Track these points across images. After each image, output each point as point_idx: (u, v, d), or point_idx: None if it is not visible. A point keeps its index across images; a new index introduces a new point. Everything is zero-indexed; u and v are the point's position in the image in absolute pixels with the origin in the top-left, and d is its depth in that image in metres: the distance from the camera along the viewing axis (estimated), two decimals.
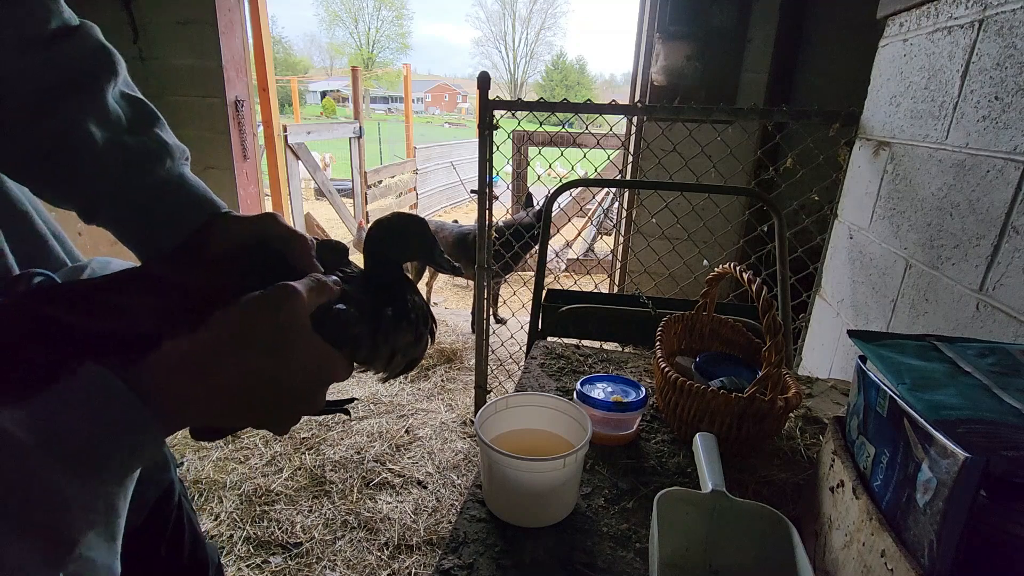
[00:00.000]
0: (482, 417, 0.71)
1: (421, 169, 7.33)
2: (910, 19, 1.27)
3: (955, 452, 0.40)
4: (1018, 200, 0.87)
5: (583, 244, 5.27)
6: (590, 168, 2.39)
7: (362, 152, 5.78)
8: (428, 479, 2.03)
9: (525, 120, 2.05)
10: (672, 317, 1.03)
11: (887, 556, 0.45)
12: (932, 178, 1.12)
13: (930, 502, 0.42)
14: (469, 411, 2.52)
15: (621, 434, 0.83)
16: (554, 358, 1.13)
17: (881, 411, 0.52)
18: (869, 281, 1.36)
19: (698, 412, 0.79)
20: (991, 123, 0.95)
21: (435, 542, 1.73)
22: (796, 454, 0.83)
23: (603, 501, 0.71)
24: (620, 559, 0.62)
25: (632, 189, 2.81)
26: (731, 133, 2.27)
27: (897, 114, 1.30)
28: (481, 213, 2.05)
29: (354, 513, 1.83)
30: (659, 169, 2.16)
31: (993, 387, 0.50)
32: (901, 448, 0.47)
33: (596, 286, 2.39)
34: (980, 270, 0.94)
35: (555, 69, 47.39)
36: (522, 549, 0.63)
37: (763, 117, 1.73)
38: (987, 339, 0.62)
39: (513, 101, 1.84)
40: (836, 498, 0.57)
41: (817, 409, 0.97)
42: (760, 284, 0.76)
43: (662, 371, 0.84)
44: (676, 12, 2.57)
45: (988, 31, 0.99)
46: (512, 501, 0.66)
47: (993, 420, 0.45)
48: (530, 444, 0.73)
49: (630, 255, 2.75)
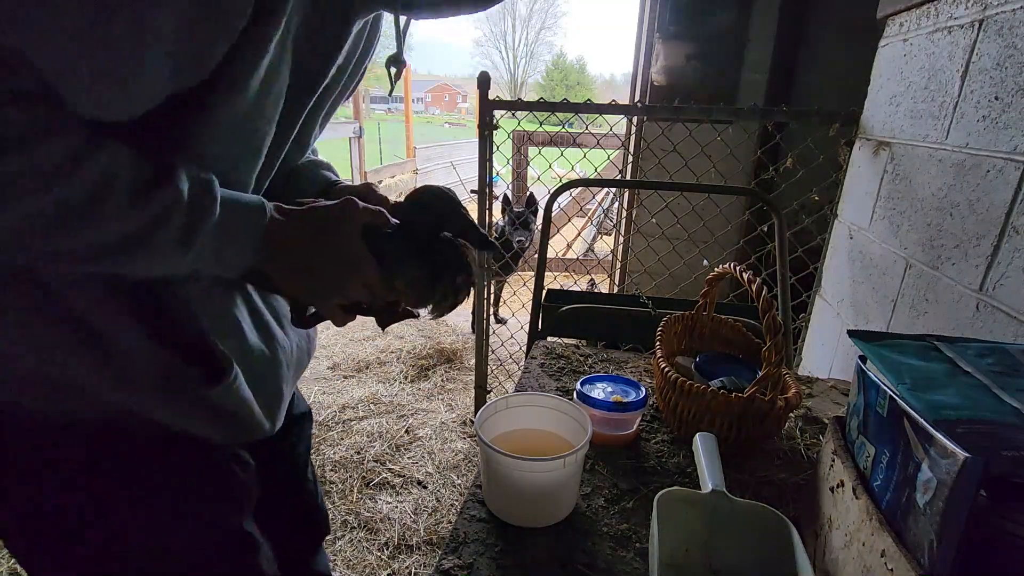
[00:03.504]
0: (482, 417, 0.71)
1: (421, 169, 7.33)
2: (910, 19, 1.27)
3: (955, 452, 0.40)
4: (1018, 200, 0.87)
5: (583, 244, 5.27)
6: (590, 168, 2.39)
7: (362, 152, 5.78)
8: (428, 479, 2.03)
9: (525, 120, 2.05)
10: (672, 317, 1.03)
11: (887, 556, 0.45)
12: (932, 178, 1.12)
13: (930, 502, 0.42)
14: (469, 411, 2.52)
15: (621, 434, 0.82)
16: (554, 358, 1.13)
17: (881, 411, 0.52)
18: (869, 281, 1.36)
19: (698, 412, 0.79)
20: (991, 123, 0.95)
21: (435, 542, 1.73)
22: (796, 454, 0.83)
23: (603, 501, 0.71)
24: (620, 559, 0.62)
25: (632, 189, 2.81)
26: (731, 133, 2.27)
27: (897, 114, 1.30)
28: (481, 213, 2.05)
29: (354, 513, 1.83)
30: (659, 169, 2.16)
31: (993, 387, 0.50)
32: (901, 448, 0.47)
33: (596, 286, 2.39)
34: (980, 270, 0.94)
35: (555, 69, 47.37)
36: (522, 549, 0.63)
37: (763, 117, 1.73)
38: (987, 339, 0.62)
39: (513, 101, 1.84)
40: (836, 498, 0.57)
41: (817, 409, 0.97)
42: (760, 284, 0.76)
43: (662, 371, 0.84)
44: (676, 12, 2.57)
45: (988, 31, 0.99)
46: (512, 501, 0.66)
47: (993, 420, 0.45)
48: (530, 444, 0.73)
49: (630, 255, 2.75)
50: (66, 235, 0.42)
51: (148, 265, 0.47)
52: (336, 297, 0.57)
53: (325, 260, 0.54)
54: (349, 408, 2.48)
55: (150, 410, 0.53)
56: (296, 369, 0.69)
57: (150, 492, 0.57)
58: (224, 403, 0.56)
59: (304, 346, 0.71)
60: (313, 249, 0.54)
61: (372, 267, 0.56)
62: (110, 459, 0.55)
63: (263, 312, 0.62)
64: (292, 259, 0.54)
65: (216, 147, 0.49)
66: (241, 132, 0.50)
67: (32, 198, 0.40)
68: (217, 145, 0.49)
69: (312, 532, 0.88)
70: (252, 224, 0.51)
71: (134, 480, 0.56)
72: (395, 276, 0.58)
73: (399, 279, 0.58)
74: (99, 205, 0.42)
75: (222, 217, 0.48)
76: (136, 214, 0.43)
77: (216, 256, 0.49)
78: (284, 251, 0.53)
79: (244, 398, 0.57)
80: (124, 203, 0.43)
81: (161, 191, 0.44)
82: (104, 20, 0.37)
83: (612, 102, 1.80)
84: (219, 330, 0.55)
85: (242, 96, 0.47)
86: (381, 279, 0.57)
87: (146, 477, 0.56)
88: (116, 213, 0.43)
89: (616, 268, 3.05)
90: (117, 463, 0.55)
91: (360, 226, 0.56)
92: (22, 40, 0.36)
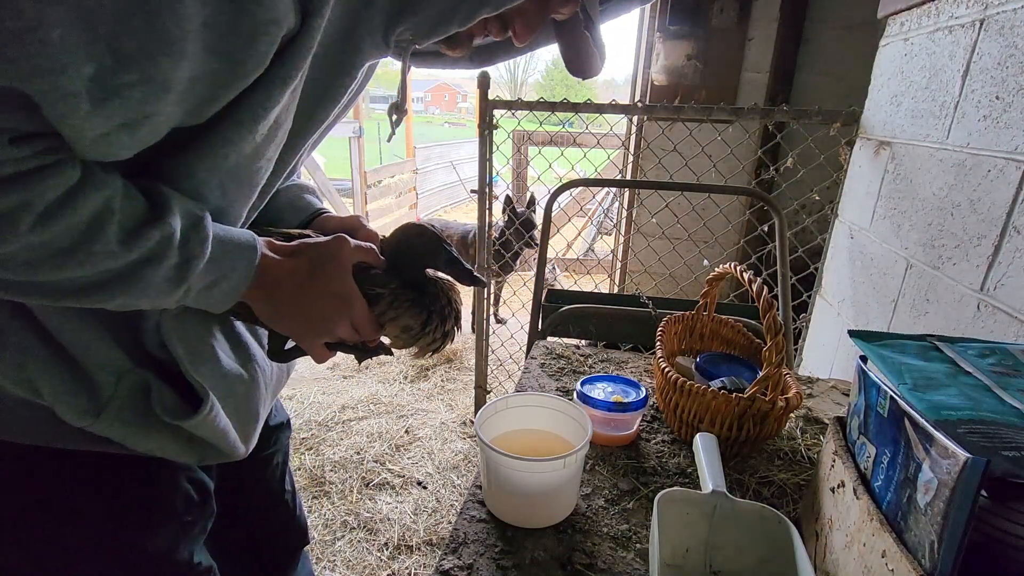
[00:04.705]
0: (482, 417, 0.71)
1: (421, 169, 7.32)
2: (911, 18, 1.27)
3: (956, 452, 0.40)
4: (1019, 200, 0.87)
5: (583, 244, 5.26)
6: (590, 168, 2.39)
7: (362, 152, 5.77)
8: (428, 479, 2.02)
9: (525, 120, 2.04)
10: (672, 317, 1.03)
11: (888, 557, 0.45)
12: (933, 178, 1.12)
13: (931, 503, 0.42)
14: (469, 411, 2.52)
15: (621, 434, 0.82)
16: (554, 358, 1.13)
17: (882, 411, 0.52)
18: (870, 281, 1.36)
19: (698, 412, 0.79)
20: (992, 123, 0.95)
21: (435, 542, 1.73)
22: (797, 454, 0.83)
23: (603, 501, 0.71)
24: (620, 560, 0.62)
25: (632, 189, 2.81)
26: (731, 133, 2.27)
27: (898, 114, 1.30)
28: (481, 213, 2.05)
29: (354, 513, 1.83)
30: (659, 169, 2.16)
31: (994, 387, 0.50)
32: (902, 448, 0.47)
33: (596, 286, 2.39)
34: (981, 270, 0.94)
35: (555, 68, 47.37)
36: (522, 549, 0.63)
37: (763, 117, 1.73)
38: (988, 339, 0.62)
39: (513, 101, 1.84)
40: (837, 498, 0.57)
41: (818, 409, 0.97)
42: (761, 284, 0.76)
43: (662, 371, 0.84)
44: (676, 12, 2.57)
45: (989, 30, 0.98)
46: (512, 501, 0.66)
47: (994, 420, 0.44)
48: (530, 444, 0.73)
49: (630, 255, 2.75)
50: (50, 272, 0.40)
51: (132, 301, 0.45)
52: (324, 336, 0.56)
53: (315, 299, 0.53)
54: (349, 408, 2.48)
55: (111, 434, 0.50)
56: (275, 389, 0.67)
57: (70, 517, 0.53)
58: (199, 432, 0.53)
59: (284, 366, 0.69)
60: (304, 288, 0.53)
61: (363, 308, 0.56)
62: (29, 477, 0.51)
63: (241, 333, 0.61)
64: (281, 297, 0.52)
65: (215, 185, 0.48)
66: (243, 173, 0.49)
67: (21, 235, 0.38)
68: (216, 183, 0.48)
69: (290, 544, 0.86)
70: (244, 262, 0.49)
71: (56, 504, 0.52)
72: (387, 319, 0.58)
73: (392, 323, 0.58)
74: (89, 244, 0.40)
75: (213, 255, 0.47)
76: (126, 253, 0.42)
77: (205, 294, 0.48)
78: (274, 289, 0.52)
79: (220, 427, 0.55)
80: (114, 243, 0.41)
81: (155, 229, 0.43)
82: (122, 70, 0.35)
83: (612, 102, 1.80)
84: (194, 357, 0.53)
85: (249, 139, 0.46)
86: (370, 320, 0.57)
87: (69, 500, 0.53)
88: (106, 252, 0.41)
89: (616, 268, 3.05)
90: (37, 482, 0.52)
91: (351, 265, 0.55)
92: (27, 86, 0.34)
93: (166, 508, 0.58)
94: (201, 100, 0.41)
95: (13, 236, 0.38)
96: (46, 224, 0.38)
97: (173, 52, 0.36)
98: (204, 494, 0.62)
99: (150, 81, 0.37)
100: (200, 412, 0.52)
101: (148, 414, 0.51)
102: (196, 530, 0.61)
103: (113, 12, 0.33)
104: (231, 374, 0.57)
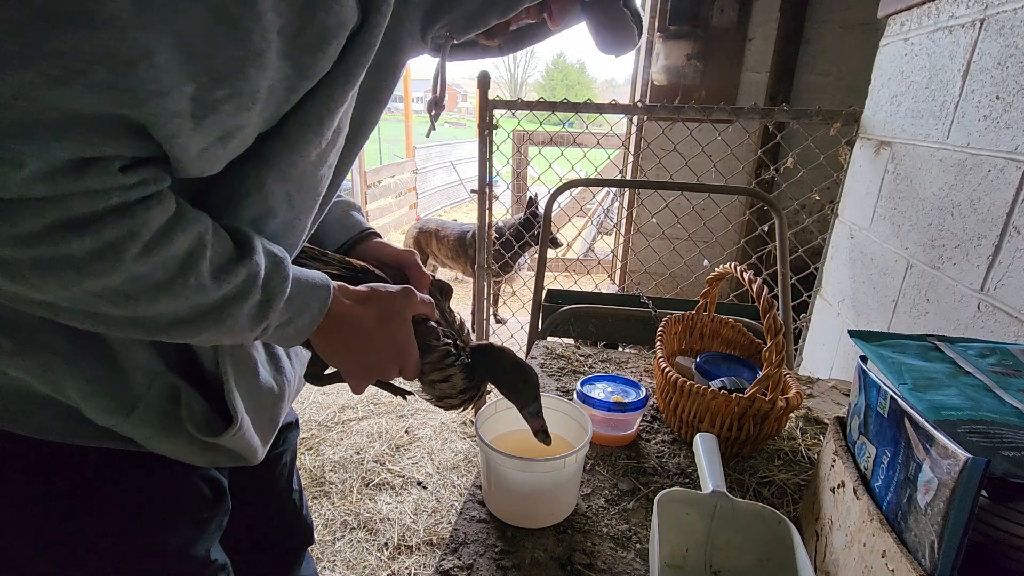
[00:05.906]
0: (482, 417, 0.71)
1: (421, 169, 7.32)
2: (911, 18, 1.27)
3: (956, 453, 0.40)
4: (1019, 200, 0.87)
5: (583, 244, 5.26)
6: (590, 168, 2.39)
7: (362, 152, 5.77)
8: (428, 479, 2.02)
9: (525, 119, 2.04)
10: (672, 317, 1.03)
11: (888, 557, 0.45)
12: (933, 178, 1.12)
13: (931, 503, 0.42)
14: (469, 411, 2.52)
15: (621, 434, 0.82)
16: (554, 358, 1.13)
17: (882, 411, 0.52)
18: (870, 281, 1.36)
19: (699, 412, 0.79)
20: (992, 123, 0.95)
21: (435, 542, 1.73)
22: (797, 454, 0.83)
23: (603, 502, 0.71)
24: (620, 560, 0.62)
25: (632, 189, 2.81)
26: (731, 133, 2.27)
27: (898, 114, 1.30)
28: (481, 213, 2.05)
29: (353, 514, 1.83)
30: (659, 169, 2.16)
31: (994, 387, 0.50)
32: (902, 448, 0.47)
33: (596, 286, 2.39)
34: (981, 270, 0.94)
35: (555, 69, 47.35)
36: (522, 549, 0.63)
37: (763, 117, 1.73)
38: (988, 339, 0.62)
39: (513, 101, 1.84)
40: (837, 498, 0.57)
41: (818, 409, 0.97)
42: (761, 284, 0.76)
43: (662, 371, 0.83)
44: (676, 12, 2.57)
45: (989, 30, 0.98)
46: (512, 501, 0.66)
47: (994, 420, 0.44)
48: (530, 444, 0.73)
49: (630, 255, 2.75)
50: (147, 306, 0.41)
51: (216, 337, 0.46)
52: (375, 379, 0.58)
53: (378, 348, 0.56)
54: (349, 408, 2.48)
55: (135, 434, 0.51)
56: (295, 396, 0.68)
57: (91, 513, 0.53)
58: (226, 445, 0.54)
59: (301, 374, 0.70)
60: (368, 335, 0.55)
61: (416, 358, 0.58)
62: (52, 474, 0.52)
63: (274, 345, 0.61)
64: (344, 340, 0.54)
65: (283, 196, 0.48)
66: (308, 181, 0.50)
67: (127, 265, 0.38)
68: (284, 194, 0.48)
69: (295, 542, 0.86)
70: (318, 303, 0.51)
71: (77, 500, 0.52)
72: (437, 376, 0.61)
73: (443, 383, 0.62)
74: (184, 278, 0.41)
75: (291, 294, 0.48)
76: (216, 289, 0.43)
77: (279, 331, 0.49)
78: (338, 331, 0.54)
79: (246, 442, 0.56)
80: (207, 277, 0.42)
81: (242, 267, 0.44)
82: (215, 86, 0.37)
83: (612, 102, 1.80)
84: (240, 371, 0.54)
85: (316, 143, 0.46)
86: (419, 368, 0.60)
87: (90, 496, 0.53)
88: (198, 286, 0.42)
89: (616, 268, 3.05)
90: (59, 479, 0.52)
91: (411, 316, 0.58)
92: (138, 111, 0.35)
93: (183, 505, 0.59)
94: (277, 106, 0.42)
95: (120, 266, 0.38)
96: (149, 255, 0.39)
97: (259, 64, 0.38)
98: (218, 491, 0.63)
99: (240, 94, 0.38)
100: (229, 431, 0.53)
101: (173, 418, 0.51)
102: (212, 527, 0.62)
103: (204, 32, 0.35)
104: (264, 387, 0.58)
